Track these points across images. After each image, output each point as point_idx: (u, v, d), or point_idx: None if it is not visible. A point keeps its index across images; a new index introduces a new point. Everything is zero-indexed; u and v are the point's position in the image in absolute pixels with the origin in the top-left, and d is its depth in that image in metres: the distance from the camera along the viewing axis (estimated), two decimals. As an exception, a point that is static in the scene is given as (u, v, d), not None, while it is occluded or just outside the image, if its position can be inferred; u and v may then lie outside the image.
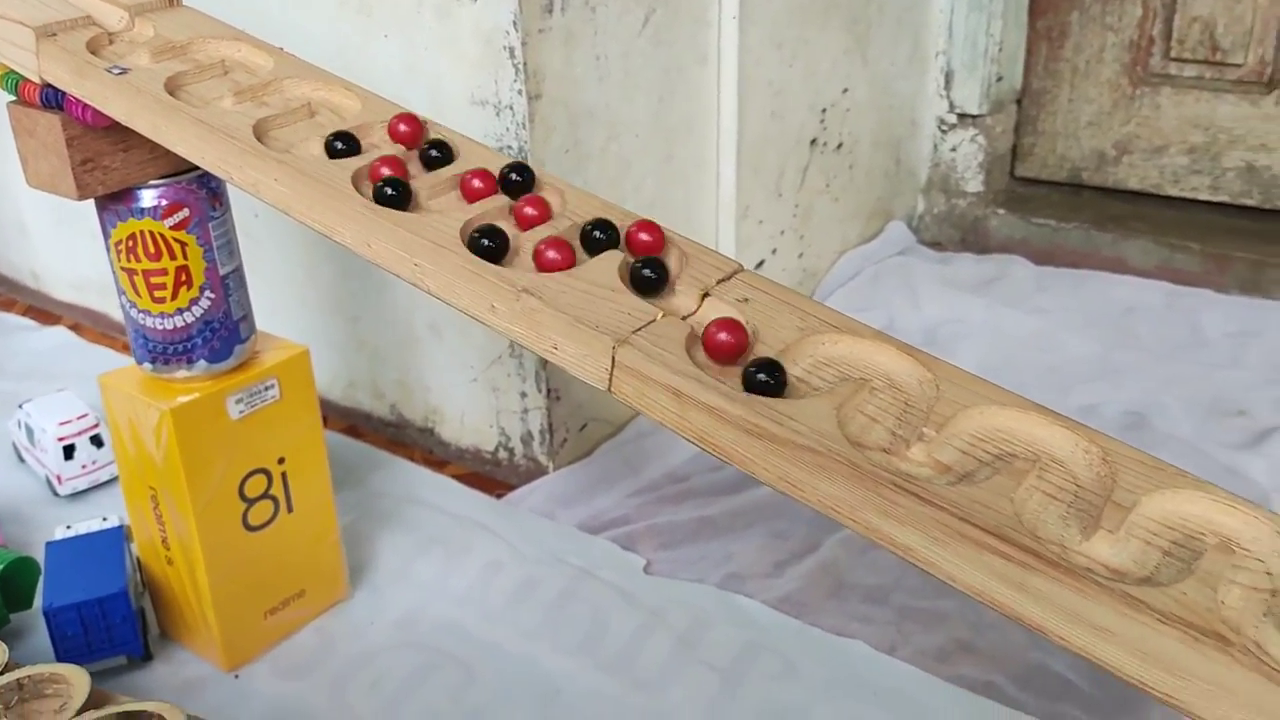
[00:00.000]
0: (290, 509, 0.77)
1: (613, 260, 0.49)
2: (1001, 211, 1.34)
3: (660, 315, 0.46)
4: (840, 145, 1.20)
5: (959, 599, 0.82)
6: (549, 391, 0.91)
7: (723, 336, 0.45)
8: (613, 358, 0.45)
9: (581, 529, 0.90)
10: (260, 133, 0.56)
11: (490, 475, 0.98)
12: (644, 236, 0.51)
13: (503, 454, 0.96)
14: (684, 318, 0.47)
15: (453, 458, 1.00)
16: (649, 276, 0.48)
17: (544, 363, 0.90)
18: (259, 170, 0.53)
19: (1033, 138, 1.37)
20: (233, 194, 0.71)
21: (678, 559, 0.87)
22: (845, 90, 1.18)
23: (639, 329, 0.45)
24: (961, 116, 1.33)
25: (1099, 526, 0.39)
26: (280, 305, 1.03)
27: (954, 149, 1.35)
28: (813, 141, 1.15)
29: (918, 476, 0.40)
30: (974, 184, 1.35)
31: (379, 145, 0.56)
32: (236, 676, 0.76)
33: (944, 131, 1.34)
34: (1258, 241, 1.23)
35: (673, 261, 0.50)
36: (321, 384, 1.05)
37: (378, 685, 0.75)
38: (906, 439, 0.43)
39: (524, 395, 0.92)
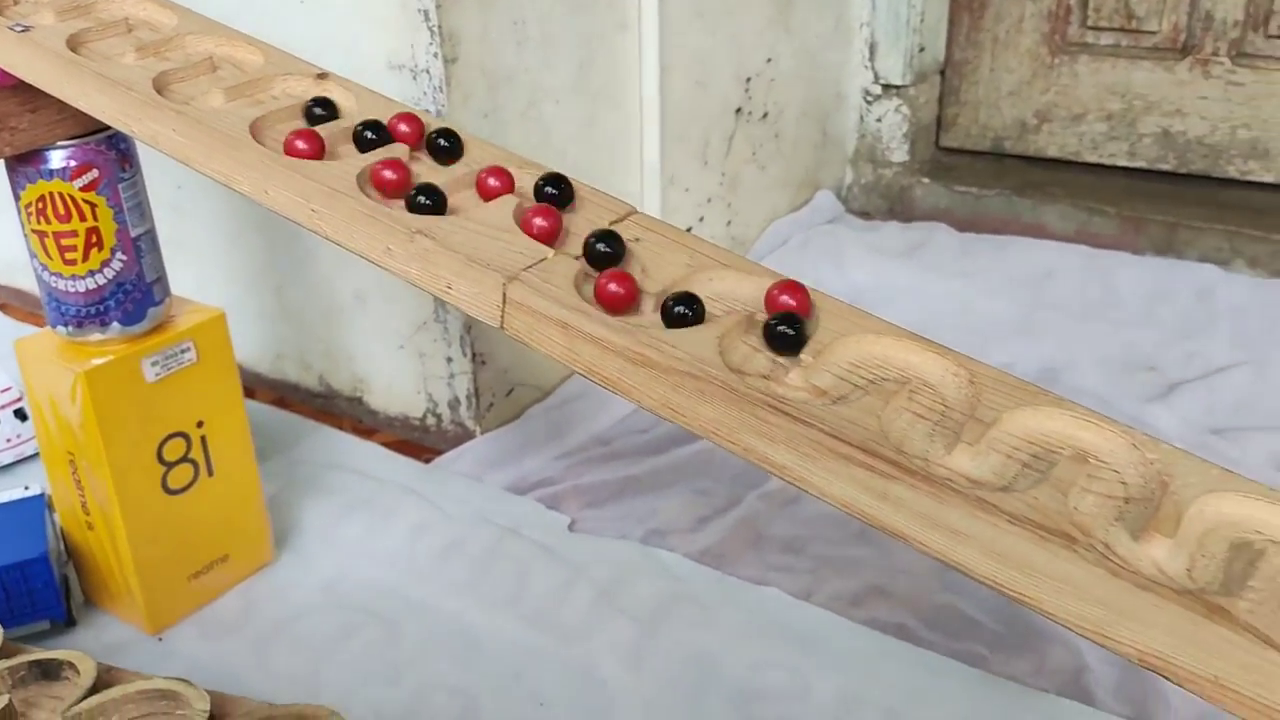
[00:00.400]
0: (211, 473, 0.77)
1: (507, 204, 0.50)
2: (926, 181, 1.37)
3: (552, 254, 0.48)
4: (766, 115, 1.22)
5: (874, 547, 0.85)
6: (474, 356, 0.92)
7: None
8: (504, 294, 0.46)
9: (508, 490, 0.91)
10: (160, 86, 0.56)
11: (419, 442, 0.99)
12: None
13: (431, 420, 0.97)
14: (575, 257, 0.49)
15: (381, 426, 1.01)
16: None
17: (468, 327, 0.91)
18: (157, 121, 0.54)
19: (956, 108, 1.40)
20: (153, 165, 0.71)
21: (602, 517, 0.89)
22: (769, 60, 1.19)
23: (529, 266, 0.47)
24: (886, 87, 1.35)
25: (961, 441, 0.41)
26: (207, 279, 1.03)
27: (879, 119, 1.37)
28: (738, 111, 1.17)
29: (792, 399, 0.42)
30: (899, 154, 1.38)
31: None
32: (160, 639, 0.77)
33: (869, 102, 1.36)
34: (1172, 205, 1.26)
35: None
36: (249, 357, 1.05)
37: (302, 644, 0.76)
38: (785, 366, 0.44)
39: (450, 361, 0.93)
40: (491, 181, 0.51)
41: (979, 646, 0.74)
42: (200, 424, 0.76)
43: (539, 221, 0.49)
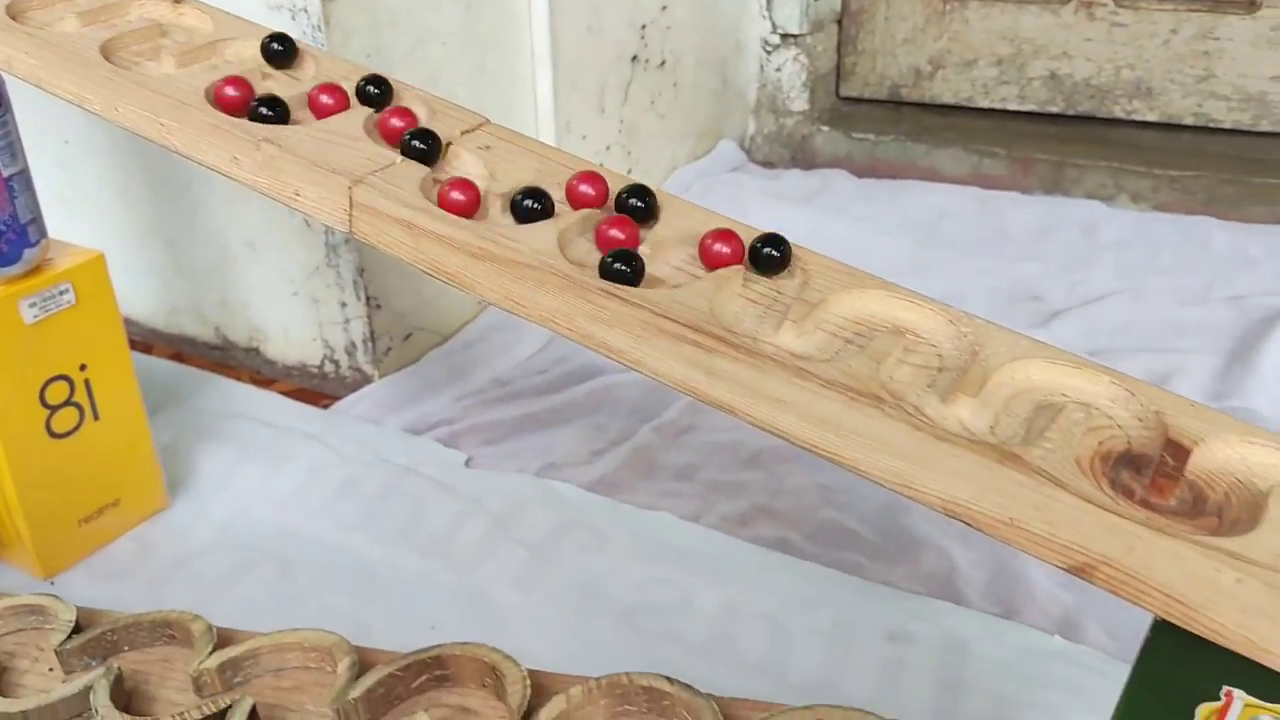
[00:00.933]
0: (96, 416, 0.77)
1: (359, 114, 0.51)
2: (826, 129, 1.39)
3: (399, 160, 0.49)
4: (663, 63, 1.23)
5: (762, 471, 0.87)
6: (368, 300, 0.93)
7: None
8: (350, 197, 0.47)
9: (407, 432, 0.92)
10: (15, 13, 0.56)
11: (319, 390, 0.99)
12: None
13: (329, 367, 0.98)
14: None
15: (280, 376, 1.01)
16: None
17: (361, 270, 0.91)
18: (10, 45, 0.54)
19: (854, 57, 1.42)
20: (46, 119, 0.71)
21: (499, 453, 0.90)
22: (664, 8, 1.21)
23: (376, 171, 0.48)
24: (784, 37, 1.37)
25: (787, 320, 0.43)
26: (98, 235, 1.02)
27: (779, 69, 1.39)
28: (634, 58, 1.18)
29: (625, 286, 0.44)
30: (799, 103, 1.40)
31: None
32: (52, 583, 0.76)
33: (768, 52, 1.38)
34: (1059, 144, 1.30)
35: (421, 114, 0.52)
36: (145, 312, 1.05)
37: (195, 583, 0.76)
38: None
39: (344, 305, 0.93)
40: (324, 99, 0.52)
41: (857, 556, 0.77)
42: (83, 367, 0.75)
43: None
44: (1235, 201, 1.20)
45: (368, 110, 0.52)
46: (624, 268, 0.42)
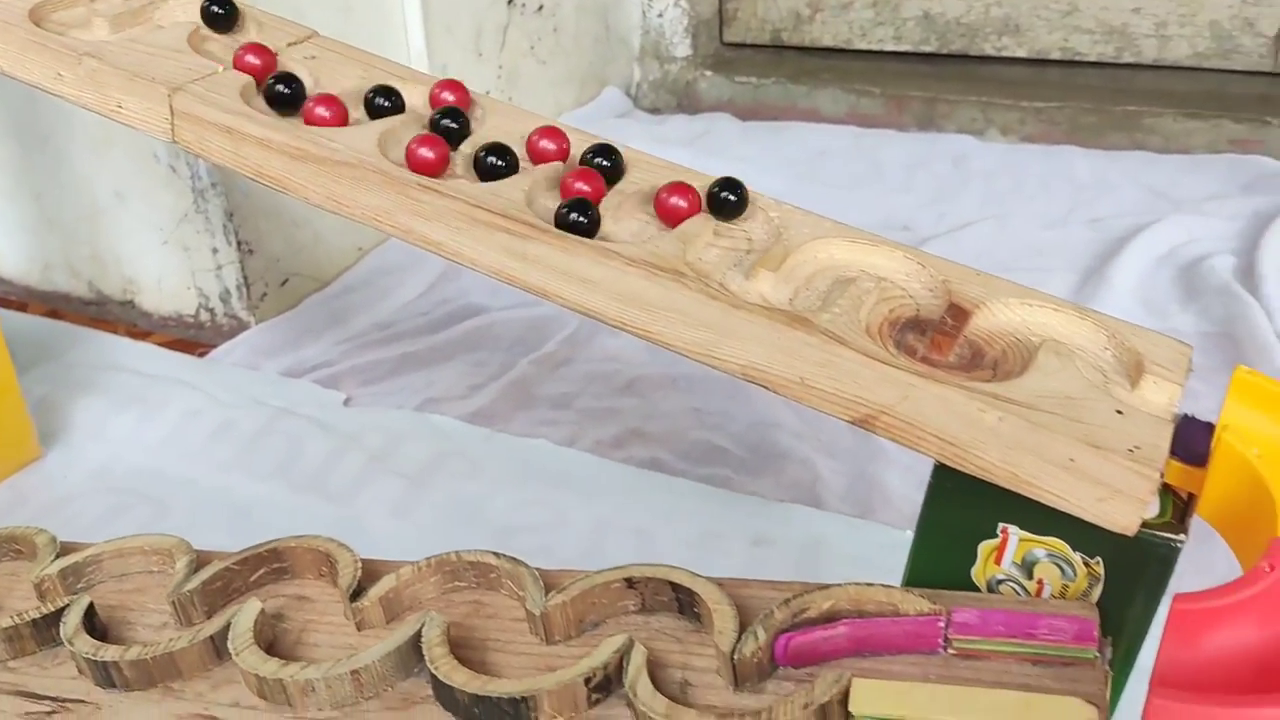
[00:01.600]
0: (-42, 366, 0.76)
1: (184, 28, 0.52)
2: (709, 74, 1.41)
3: (222, 69, 0.49)
4: (541, 7, 1.24)
5: (637, 398, 0.89)
6: (240, 244, 0.92)
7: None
8: (170, 106, 0.47)
9: (284, 376, 0.92)
10: None
11: (196, 339, 0.99)
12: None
13: (204, 315, 0.97)
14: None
15: (156, 327, 1.00)
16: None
17: (230, 214, 0.91)
18: None
19: (735, 2, 1.44)
20: None
21: (378, 392, 0.90)
22: (538, -47, 1.21)
23: (197, 80, 0.48)
24: (664, -17, 1.38)
25: (603, 212, 0.45)
26: (-40, 188, 1.00)
27: (660, 15, 1.40)
28: (510, 2, 1.18)
29: (443, 180, 0.45)
30: (682, 49, 1.41)
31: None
32: (-82, 535, 0.76)
33: (649, -2, 1.39)
34: (932, 82, 1.33)
35: (250, 28, 0.53)
36: (17, 270, 1.03)
37: (68, 526, 0.76)
38: (454, 160, 0.47)
39: (216, 251, 0.93)
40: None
41: (725, 470, 0.79)
42: (-61, 315, 0.74)
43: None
44: (1098, 130, 1.25)
45: (193, 25, 0.52)
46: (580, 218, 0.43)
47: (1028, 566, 0.39)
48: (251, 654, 0.39)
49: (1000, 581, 0.39)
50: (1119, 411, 0.37)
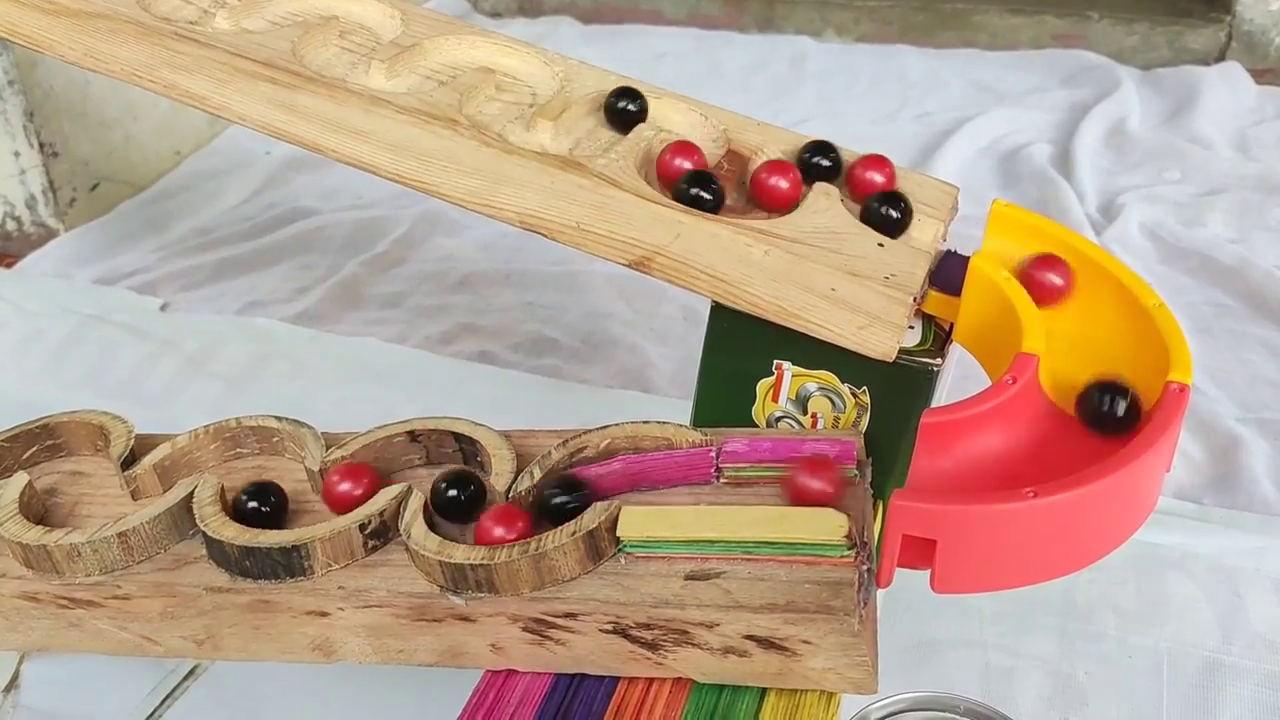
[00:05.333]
0: None
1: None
2: (549, -23, 1.38)
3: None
4: (366, -96, 1.18)
5: (470, 294, 0.88)
6: (43, 147, 0.87)
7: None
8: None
9: (98, 283, 0.88)
10: None
11: (4, 250, 0.93)
12: None
13: (10, 225, 0.92)
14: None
15: (-40, 239, 0.94)
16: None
17: (30, 114, 0.86)
18: None
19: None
20: None
21: (198, 298, 0.87)
22: None
23: (-65, -67, 0.45)
24: (498, -120, 1.34)
25: (375, 61, 0.44)
26: None
27: (496, -85, 1.36)
28: (331, -103, 1.13)
29: (202, 28, 0.43)
30: (519, -50, 1.38)
31: None
32: None
33: (483, -103, 1.35)
34: (770, -17, 1.33)
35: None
36: None
37: None
38: (213, 12, 0.45)
39: (17, 155, 0.88)
40: None
41: (556, 361, 0.79)
42: None
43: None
44: (928, 29, 1.27)
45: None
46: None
47: (802, 401, 0.40)
48: (15, 523, 0.37)
49: (779, 418, 0.40)
50: (880, 244, 0.38)
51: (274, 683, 0.55)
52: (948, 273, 0.39)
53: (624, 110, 0.44)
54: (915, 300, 0.36)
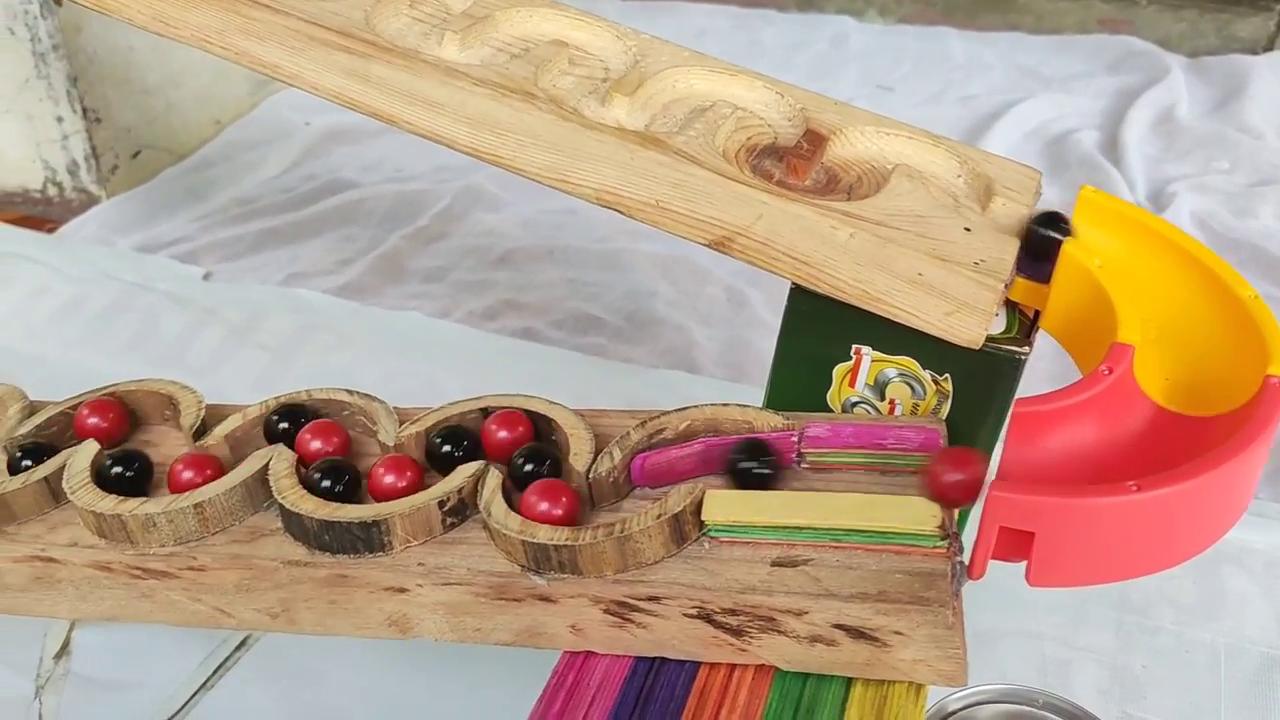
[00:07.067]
0: None
1: None
2: (588, -50, 1.36)
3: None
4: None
5: (512, 270, 0.87)
6: (86, 112, 0.87)
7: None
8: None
9: (139, 251, 0.88)
10: None
11: (44, 216, 0.93)
12: None
13: (52, 190, 0.92)
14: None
15: (2, 204, 0.94)
16: None
17: (74, 79, 0.85)
18: None
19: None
20: None
21: (239, 268, 0.87)
22: None
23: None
24: None
25: (449, 32, 0.43)
26: None
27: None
28: None
29: (277, -3, 0.42)
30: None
31: None
32: None
33: None
34: (812, -38, 1.32)
35: None
36: None
37: (-96, 406, 0.72)
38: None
39: (60, 120, 0.87)
40: None
41: (600, 339, 0.79)
42: None
43: None
44: (972, 11, 1.26)
45: None
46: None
47: (880, 387, 0.39)
48: (87, 491, 0.37)
49: (855, 404, 0.40)
50: (967, 229, 0.38)
51: (324, 655, 0.55)
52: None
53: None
54: (1005, 287, 0.36)
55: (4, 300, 0.82)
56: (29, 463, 0.39)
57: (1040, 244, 0.37)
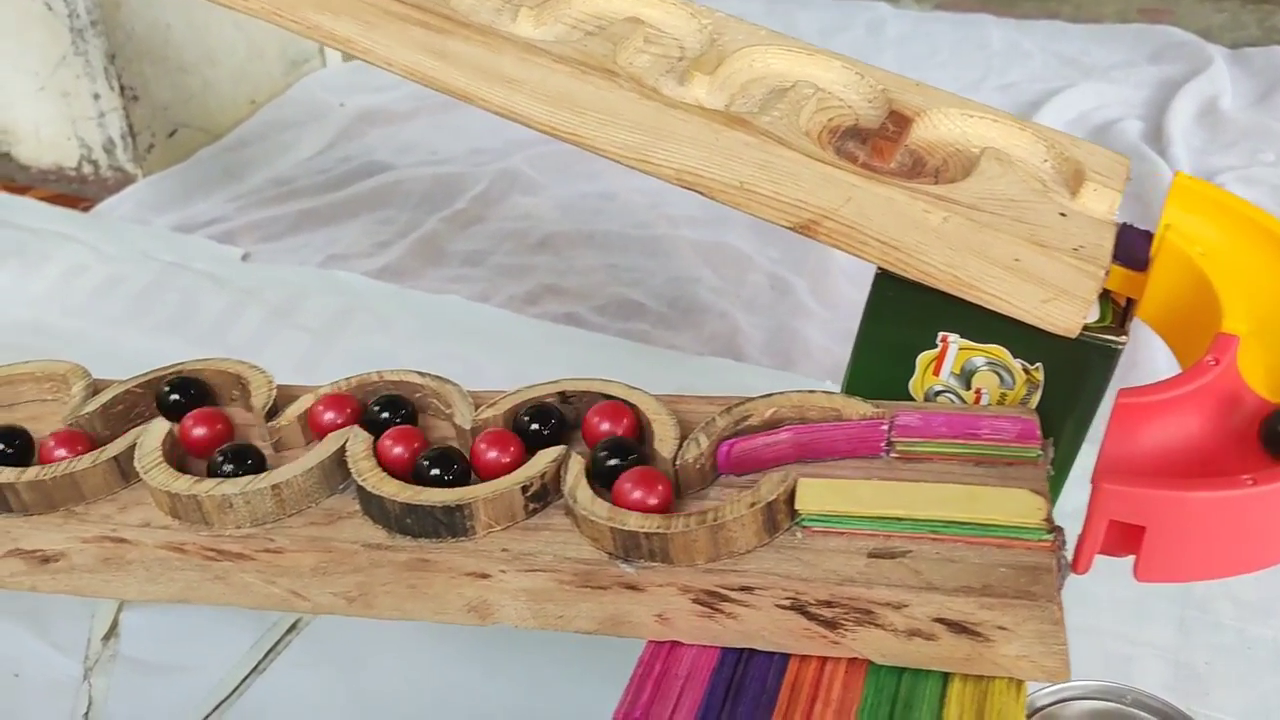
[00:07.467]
0: None
1: None
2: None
3: None
4: None
5: (551, 253, 0.87)
6: (123, 90, 0.86)
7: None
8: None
9: (176, 230, 0.87)
10: None
11: (79, 194, 0.93)
12: None
13: (87, 168, 0.91)
14: None
15: (36, 182, 0.94)
16: None
17: (111, 56, 0.85)
18: None
19: None
20: None
21: (278, 249, 0.86)
22: None
23: None
24: None
25: (524, 9, 0.42)
26: None
27: None
28: None
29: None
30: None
31: None
32: None
33: None
34: (847, -53, 1.30)
35: None
36: (-128, 117, 0.95)
37: (-56, 384, 0.71)
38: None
39: (97, 98, 0.87)
40: None
41: (645, 325, 0.78)
42: None
43: None
44: (1010, -1, 1.24)
45: None
46: None
47: (966, 376, 0.38)
48: (161, 471, 0.36)
49: (938, 393, 0.39)
50: (1062, 214, 0.37)
51: (374, 640, 0.55)
52: (1127, 246, 0.37)
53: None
54: (1105, 273, 0.35)
55: (42, 277, 0.81)
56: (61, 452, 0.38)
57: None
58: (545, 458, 0.35)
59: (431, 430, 0.39)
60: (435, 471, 0.34)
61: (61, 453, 0.36)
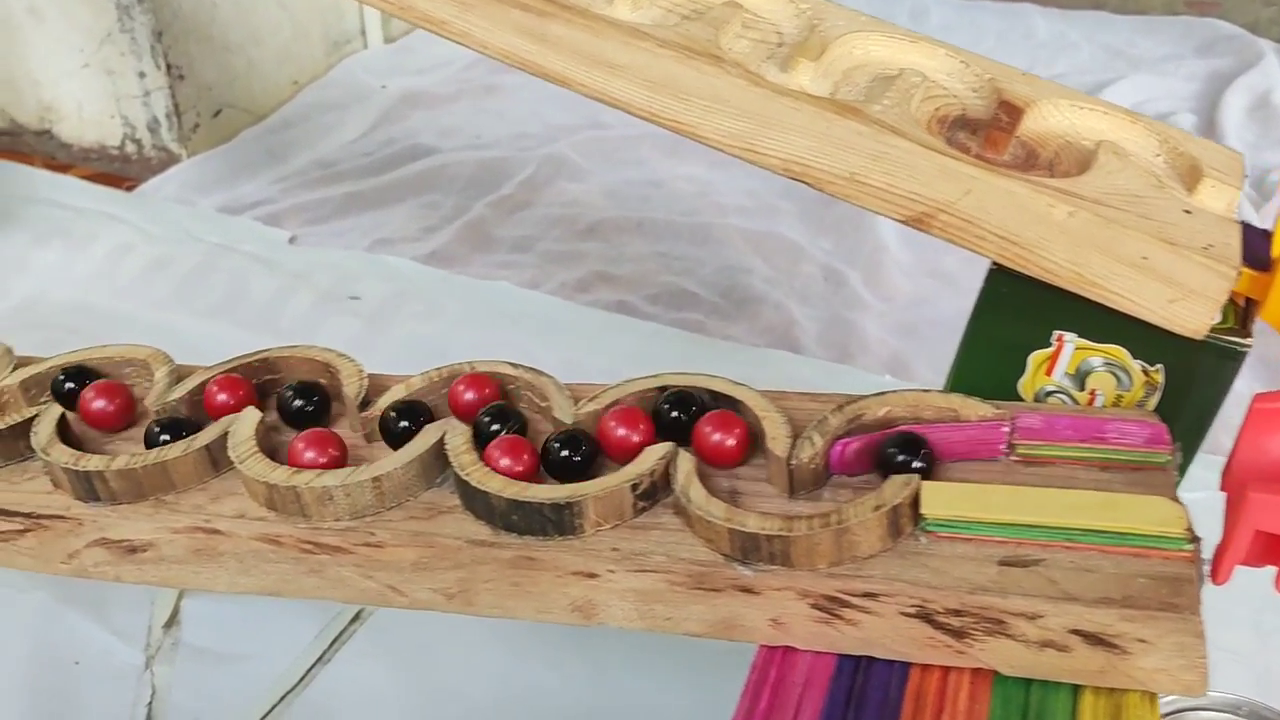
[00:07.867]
0: None
1: None
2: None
3: None
4: None
5: (601, 241, 0.85)
6: (169, 69, 0.85)
7: None
8: None
9: (222, 212, 0.86)
10: None
11: (121, 173, 0.92)
12: None
13: (130, 147, 0.90)
14: None
15: (78, 160, 0.93)
16: None
17: (158, 34, 0.83)
18: None
19: None
20: None
21: (325, 232, 0.85)
22: None
23: None
24: None
25: (623, -8, 0.41)
26: None
27: None
28: None
29: (448, -49, 0.40)
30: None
31: None
32: None
33: None
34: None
35: None
36: (-88, 92, 0.94)
37: (-7, 364, 0.70)
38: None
39: (143, 76, 0.85)
40: None
41: (699, 315, 0.77)
42: None
43: None
44: (1056, -12, 1.22)
45: None
46: None
47: (1080, 377, 0.37)
48: (257, 461, 0.35)
49: (1050, 393, 0.38)
50: (1187, 211, 0.35)
51: (437, 630, 0.54)
52: (1251, 246, 0.36)
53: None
54: (1237, 273, 0.34)
55: (88, 258, 0.80)
56: (166, 437, 0.37)
57: None
58: (654, 454, 0.34)
59: (529, 425, 0.38)
60: (565, 453, 0.33)
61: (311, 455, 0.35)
